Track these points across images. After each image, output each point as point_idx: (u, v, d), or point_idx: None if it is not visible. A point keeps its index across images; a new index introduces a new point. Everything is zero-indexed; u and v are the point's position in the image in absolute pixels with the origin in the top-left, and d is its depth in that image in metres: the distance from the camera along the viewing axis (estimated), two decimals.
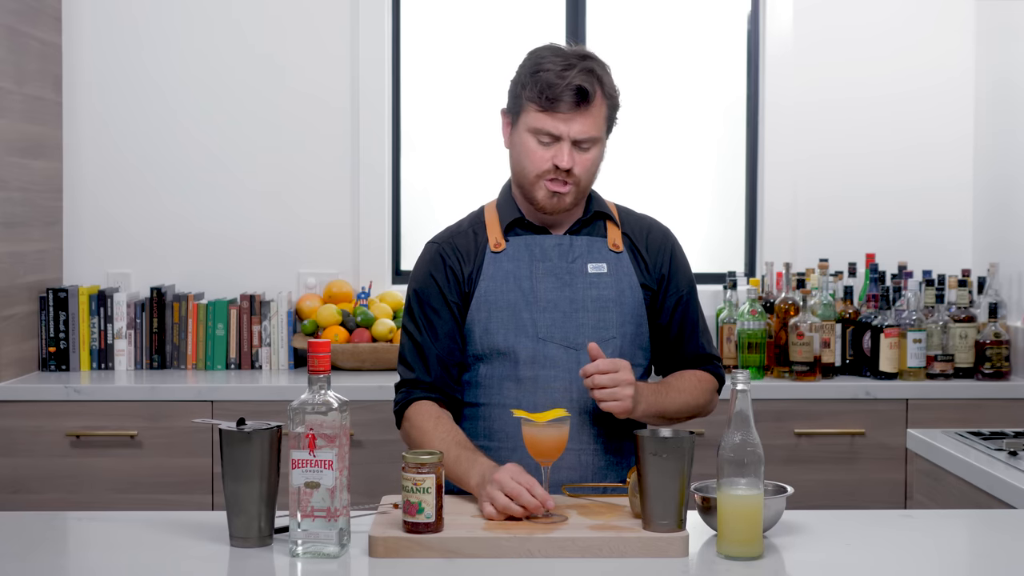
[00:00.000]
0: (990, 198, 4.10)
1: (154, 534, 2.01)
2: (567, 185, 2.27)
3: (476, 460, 2.15)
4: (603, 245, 2.37)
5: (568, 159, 2.24)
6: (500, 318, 2.30)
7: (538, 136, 2.26)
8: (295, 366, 3.95)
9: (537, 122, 2.25)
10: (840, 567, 1.88)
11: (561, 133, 2.24)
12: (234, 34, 4.12)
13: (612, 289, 2.33)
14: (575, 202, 2.32)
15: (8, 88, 3.66)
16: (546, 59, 2.27)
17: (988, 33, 4.12)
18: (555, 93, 2.22)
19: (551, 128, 2.24)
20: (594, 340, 2.28)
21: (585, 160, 2.27)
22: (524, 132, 2.28)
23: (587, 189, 2.33)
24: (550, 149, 2.26)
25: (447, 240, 2.40)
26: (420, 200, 4.28)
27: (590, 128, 2.25)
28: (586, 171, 2.28)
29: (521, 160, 2.30)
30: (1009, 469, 2.48)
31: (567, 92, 2.22)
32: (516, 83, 2.31)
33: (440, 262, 2.36)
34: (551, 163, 2.26)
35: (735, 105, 4.30)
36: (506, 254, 2.35)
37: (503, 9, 4.29)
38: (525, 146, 2.28)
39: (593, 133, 2.26)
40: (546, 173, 2.27)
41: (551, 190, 2.27)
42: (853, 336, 3.85)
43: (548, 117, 2.24)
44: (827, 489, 3.61)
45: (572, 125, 2.24)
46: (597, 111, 2.26)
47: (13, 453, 3.55)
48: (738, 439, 1.85)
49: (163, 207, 4.12)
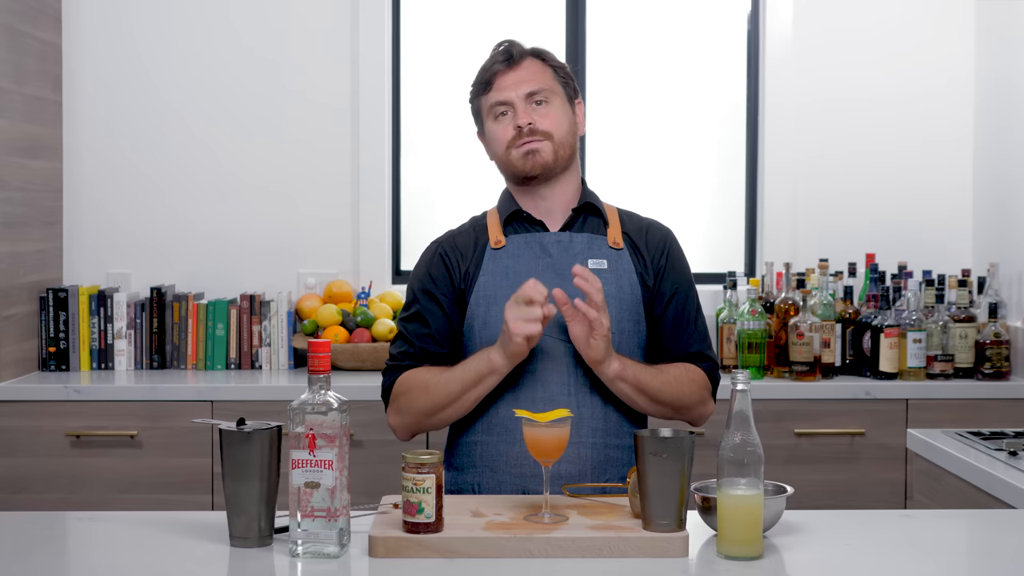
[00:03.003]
0: (990, 198, 4.10)
1: (154, 534, 2.01)
2: (538, 141, 2.34)
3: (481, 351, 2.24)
4: (603, 242, 2.38)
5: (524, 115, 2.34)
6: (498, 312, 2.30)
7: (495, 113, 2.37)
8: (295, 366, 3.95)
9: (487, 102, 2.39)
10: (840, 567, 1.88)
11: (508, 98, 2.36)
12: (234, 34, 4.12)
13: (612, 285, 2.34)
14: (555, 160, 2.36)
15: (8, 88, 3.66)
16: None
17: (988, 33, 4.12)
18: (490, 72, 2.38)
19: (496, 96, 2.37)
20: None
21: (546, 113, 2.35)
22: (487, 124, 2.40)
23: (565, 146, 2.37)
24: (508, 118, 2.36)
25: (448, 240, 2.43)
26: (420, 200, 4.28)
27: (531, 82, 2.36)
28: (553, 124, 2.35)
29: (493, 146, 2.40)
30: (1009, 469, 2.48)
31: (496, 59, 2.39)
32: (470, 100, 2.46)
33: (438, 259, 2.39)
34: (512, 127, 2.35)
35: (735, 105, 4.30)
36: (506, 251, 2.36)
37: (503, 10, 4.29)
38: (490, 132, 2.40)
39: (539, 85, 2.36)
40: (514, 140, 2.35)
41: (524, 151, 2.34)
42: (853, 336, 3.85)
43: (491, 92, 2.38)
44: (827, 489, 3.61)
45: (510, 82, 2.36)
46: (535, 68, 2.38)
47: (13, 453, 3.55)
48: (738, 439, 1.85)
49: (163, 207, 4.12)
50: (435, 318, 2.36)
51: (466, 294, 2.35)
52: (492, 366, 2.22)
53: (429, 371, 2.32)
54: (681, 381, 2.33)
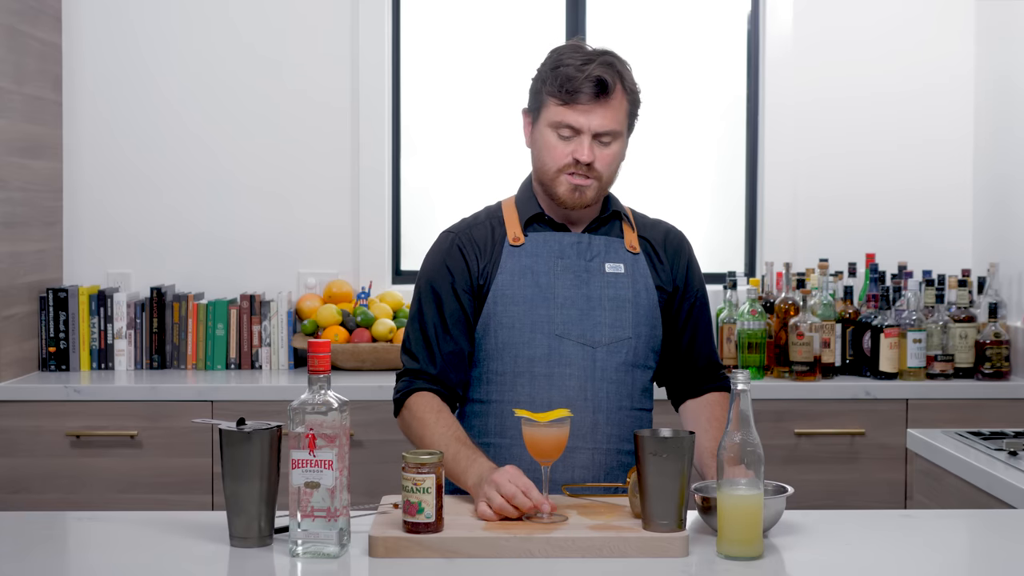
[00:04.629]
0: (990, 198, 4.10)
1: (154, 534, 2.01)
2: (588, 180, 2.27)
3: (475, 459, 2.14)
4: (620, 246, 2.37)
5: (588, 153, 2.25)
6: (516, 312, 2.29)
7: (559, 130, 2.27)
8: (295, 366, 3.95)
9: (557, 116, 2.26)
10: (840, 567, 1.88)
11: (581, 126, 2.25)
12: (234, 34, 4.12)
13: (629, 289, 2.33)
14: (596, 197, 2.32)
15: (8, 88, 3.66)
16: (566, 55, 2.28)
17: (988, 33, 4.12)
18: (575, 85, 2.23)
19: (571, 121, 2.25)
20: (610, 339, 2.30)
21: (606, 155, 2.27)
22: (545, 127, 2.28)
23: (608, 185, 2.33)
24: (570, 143, 2.27)
25: (464, 231, 2.38)
26: (420, 200, 4.28)
27: (610, 121, 2.26)
28: (607, 166, 2.28)
29: (542, 155, 2.30)
30: (1009, 469, 2.48)
31: (587, 84, 2.23)
32: (537, 80, 2.32)
33: (457, 252, 2.35)
34: (571, 157, 2.26)
35: (735, 105, 4.30)
36: (524, 249, 2.34)
37: (503, 9, 4.29)
38: (546, 141, 2.29)
39: (614, 127, 2.26)
40: (567, 167, 2.27)
41: (572, 184, 2.27)
42: (853, 336, 3.85)
43: (568, 110, 2.25)
44: (827, 489, 3.61)
45: (592, 118, 2.24)
46: (617, 104, 2.26)
47: (13, 453, 3.55)
48: (738, 439, 1.85)
49: (163, 207, 4.12)
50: (453, 315, 2.32)
51: (483, 289, 2.32)
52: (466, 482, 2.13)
53: (432, 413, 2.26)
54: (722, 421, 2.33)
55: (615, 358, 2.30)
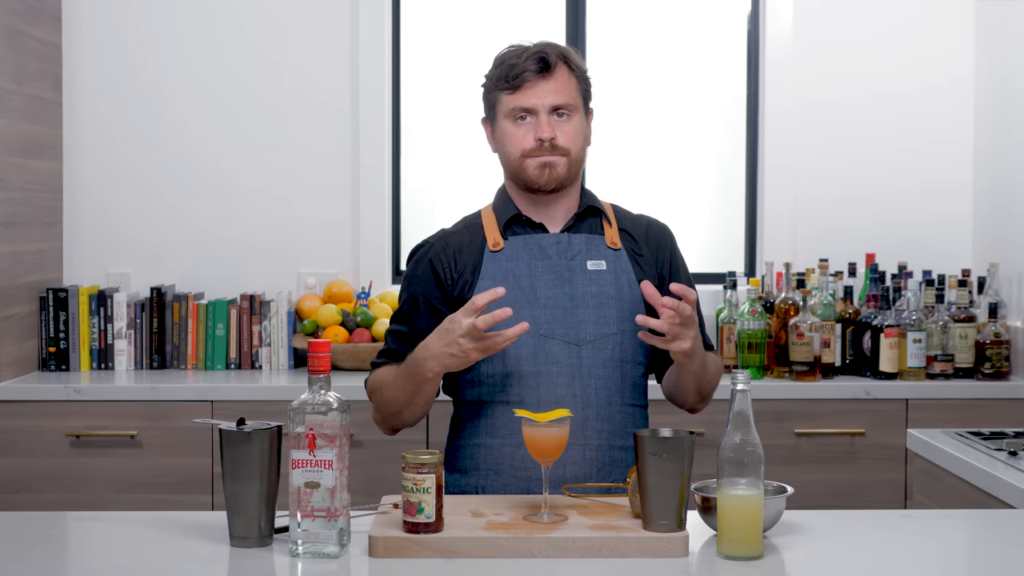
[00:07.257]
0: (990, 198, 4.10)
1: (154, 534, 2.01)
2: (555, 156, 2.31)
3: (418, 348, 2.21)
4: (601, 243, 2.38)
5: (548, 128, 2.30)
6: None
7: (514, 117, 2.33)
8: (295, 366, 3.95)
9: (510, 103, 2.32)
10: (840, 567, 1.88)
11: (534, 105, 2.31)
12: (234, 34, 4.12)
13: (611, 286, 2.34)
14: (568, 175, 2.34)
15: (8, 88, 3.66)
16: (507, 53, 2.37)
17: (988, 33, 4.12)
18: (518, 70, 2.31)
19: (523, 103, 2.31)
20: (594, 336, 2.30)
21: (568, 130, 2.32)
22: (502, 121, 2.34)
23: (578, 163, 2.36)
24: (529, 126, 2.32)
25: (439, 240, 2.41)
26: (420, 200, 4.28)
27: (561, 95, 2.31)
28: (571, 140, 2.32)
29: (506, 147, 2.35)
30: (1009, 469, 2.48)
31: (529, 62, 2.31)
32: (486, 86, 2.40)
33: (426, 264, 2.38)
34: (532, 137, 2.31)
35: (735, 105, 4.30)
36: (505, 253, 2.35)
37: (503, 9, 4.29)
38: (506, 132, 2.34)
39: (566, 100, 2.32)
40: (532, 151, 2.31)
41: (540, 162, 2.31)
42: (853, 336, 3.85)
43: (518, 94, 2.32)
44: (827, 489, 3.61)
45: (541, 94, 2.31)
46: (564, 80, 2.33)
47: (13, 453, 3.55)
48: (738, 439, 1.85)
49: (163, 207, 4.12)
50: (418, 320, 2.36)
51: (461, 299, 2.33)
52: (424, 378, 2.21)
53: (388, 370, 2.34)
54: (718, 365, 2.39)
55: (601, 355, 2.31)
